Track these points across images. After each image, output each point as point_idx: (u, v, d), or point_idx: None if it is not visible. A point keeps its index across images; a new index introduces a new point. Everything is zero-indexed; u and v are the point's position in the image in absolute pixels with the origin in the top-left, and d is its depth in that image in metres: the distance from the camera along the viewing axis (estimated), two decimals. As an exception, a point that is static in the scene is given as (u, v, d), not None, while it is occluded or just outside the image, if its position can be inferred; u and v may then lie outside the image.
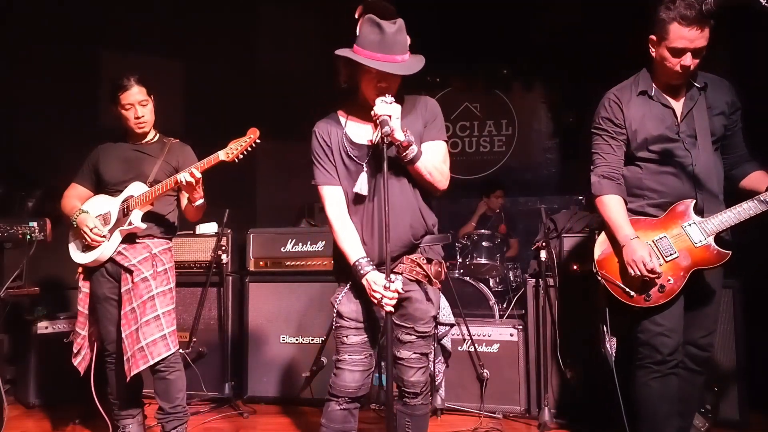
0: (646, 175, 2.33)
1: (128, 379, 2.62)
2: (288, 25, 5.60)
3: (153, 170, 2.76)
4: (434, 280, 2.17)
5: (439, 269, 2.19)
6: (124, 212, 2.71)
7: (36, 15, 4.41)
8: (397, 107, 2.00)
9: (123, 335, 2.64)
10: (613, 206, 2.32)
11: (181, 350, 3.80)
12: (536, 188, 6.46)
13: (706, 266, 2.25)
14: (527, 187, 6.44)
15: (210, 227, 4.16)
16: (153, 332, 2.63)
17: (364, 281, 2.03)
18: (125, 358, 2.63)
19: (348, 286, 2.18)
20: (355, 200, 2.15)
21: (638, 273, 2.21)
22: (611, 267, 2.35)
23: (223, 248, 3.92)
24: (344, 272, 2.18)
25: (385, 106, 1.98)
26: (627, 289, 2.28)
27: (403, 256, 2.15)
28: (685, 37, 2.12)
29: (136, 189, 2.72)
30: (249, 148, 2.54)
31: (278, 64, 5.53)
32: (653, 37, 2.22)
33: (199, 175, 2.55)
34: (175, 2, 5.03)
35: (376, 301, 2.00)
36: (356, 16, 2.05)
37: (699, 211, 2.27)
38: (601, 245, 2.40)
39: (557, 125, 6.51)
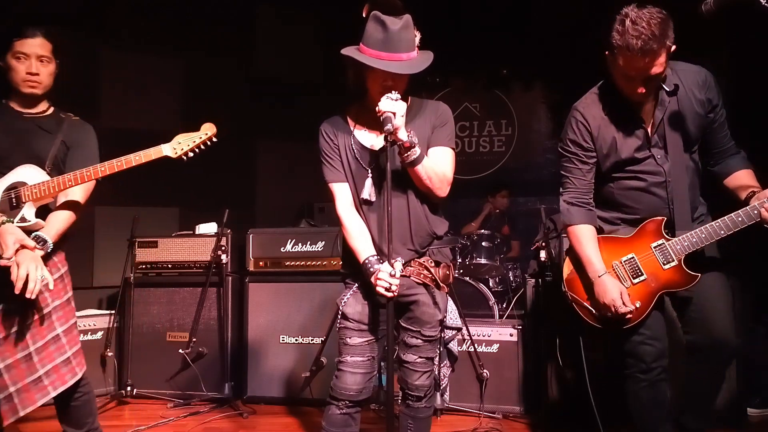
0: (618, 190, 2.25)
1: (9, 421, 2.11)
2: (288, 25, 5.60)
3: (50, 151, 2.24)
4: (442, 284, 2.15)
5: (447, 272, 2.17)
6: (12, 203, 2.16)
7: (35, 14, 4.41)
8: (403, 104, 1.96)
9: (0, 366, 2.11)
10: (583, 238, 2.23)
11: (180, 350, 3.84)
12: (536, 188, 6.44)
13: (674, 288, 2.17)
14: (527, 187, 6.43)
15: (210, 227, 4.16)
16: (54, 357, 2.16)
17: (373, 279, 1.99)
18: (4, 395, 2.10)
19: (356, 287, 2.16)
20: (361, 206, 2.13)
21: (609, 315, 2.15)
22: (579, 288, 2.30)
23: (223, 248, 3.92)
24: (353, 271, 2.16)
25: (390, 103, 1.93)
26: (594, 312, 2.23)
27: (411, 260, 2.13)
28: (633, 66, 1.99)
29: (31, 175, 2.19)
30: (202, 146, 2.25)
31: (278, 63, 5.53)
32: (607, 54, 2.08)
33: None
34: (175, 1, 5.03)
35: (383, 290, 1.94)
36: (363, 15, 2.01)
37: (671, 228, 2.17)
38: (568, 265, 2.35)
39: (557, 125, 6.50)
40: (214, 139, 2.28)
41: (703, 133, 2.20)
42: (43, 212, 2.23)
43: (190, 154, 2.25)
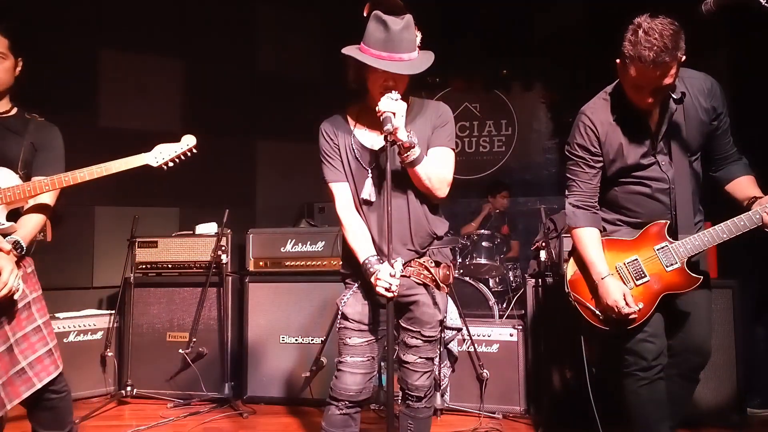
0: (622, 194, 2.29)
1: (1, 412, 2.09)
2: (288, 25, 5.60)
3: (21, 154, 2.21)
4: (442, 284, 2.15)
5: (447, 273, 2.17)
6: None
7: (33, 13, 4.41)
8: (403, 105, 1.96)
9: None
10: (587, 241, 2.27)
11: (180, 350, 3.84)
12: (536, 188, 6.46)
13: (677, 290, 2.21)
14: (527, 187, 6.44)
15: (210, 227, 4.16)
16: (36, 348, 2.15)
17: (372, 279, 1.98)
18: None
19: (356, 287, 2.16)
20: (361, 206, 2.13)
21: (614, 316, 2.20)
22: (583, 289, 2.32)
23: (223, 248, 3.92)
24: (353, 271, 2.16)
25: (390, 103, 1.93)
26: (598, 313, 2.26)
27: (411, 261, 2.13)
28: (644, 77, 2.00)
29: (2, 178, 2.18)
30: (182, 156, 2.28)
31: (278, 63, 5.53)
32: (618, 62, 2.10)
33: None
34: (175, 1, 5.03)
35: (383, 290, 1.94)
36: (364, 14, 2.01)
37: (673, 232, 2.21)
38: (572, 266, 2.38)
39: (557, 125, 6.51)
40: (195, 151, 2.30)
41: (707, 140, 2.23)
42: (11, 214, 2.22)
43: (170, 164, 2.26)
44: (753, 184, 2.25)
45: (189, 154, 2.30)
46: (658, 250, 2.22)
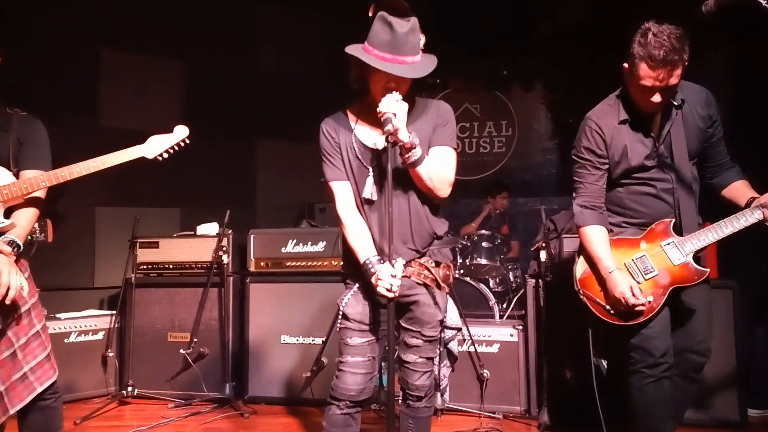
0: (627, 195, 2.37)
1: (1, 420, 2.09)
2: (288, 25, 5.60)
3: (10, 151, 2.17)
4: (442, 284, 2.15)
5: (447, 273, 2.17)
6: None
7: (34, 13, 4.41)
8: (404, 105, 1.95)
9: None
10: (595, 238, 2.34)
11: (181, 350, 3.85)
12: (536, 189, 6.46)
13: (685, 284, 2.28)
14: (527, 187, 6.45)
15: (211, 228, 4.17)
16: (36, 353, 2.16)
17: (373, 279, 1.98)
18: None
19: (356, 287, 2.16)
20: (363, 205, 2.13)
21: (623, 309, 2.25)
22: (593, 286, 2.37)
23: (224, 249, 3.92)
24: (353, 272, 2.16)
25: (391, 104, 1.93)
26: (608, 308, 2.31)
27: (412, 260, 2.13)
28: (653, 77, 2.10)
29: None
30: (176, 147, 2.29)
31: (278, 63, 5.54)
32: (625, 66, 2.19)
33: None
34: (175, 2, 5.03)
35: (385, 290, 1.93)
36: (369, 15, 2.00)
37: (678, 230, 2.30)
38: (582, 265, 2.43)
39: (557, 126, 6.52)
40: (187, 141, 2.31)
41: (703, 146, 2.34)
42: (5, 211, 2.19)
43: (165, 155, 2.27)
44: (748, 186, 2.34)
45: (182, 144, 2.30)
46: (664, 245, 2.29)
